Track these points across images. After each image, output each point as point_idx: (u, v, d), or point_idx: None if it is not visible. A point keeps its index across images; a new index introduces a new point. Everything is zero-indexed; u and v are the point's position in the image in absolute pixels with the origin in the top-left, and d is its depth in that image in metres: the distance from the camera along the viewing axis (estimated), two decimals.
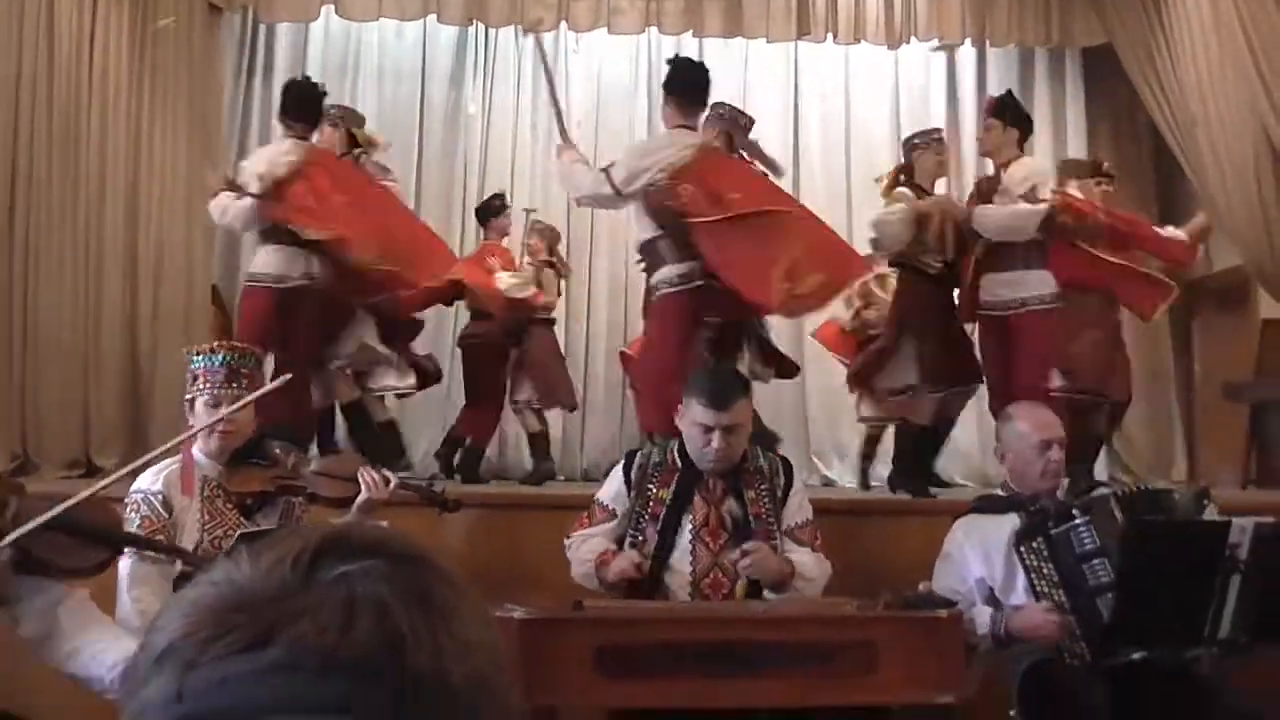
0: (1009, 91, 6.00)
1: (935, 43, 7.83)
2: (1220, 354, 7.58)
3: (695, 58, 8.18)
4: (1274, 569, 2.97)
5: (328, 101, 5.70)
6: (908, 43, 7.71)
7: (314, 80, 5.77)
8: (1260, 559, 2.96)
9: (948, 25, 7.67)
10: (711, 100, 5.08)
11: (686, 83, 4.83)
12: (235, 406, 2.99)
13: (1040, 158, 7.89)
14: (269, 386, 3.06)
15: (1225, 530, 3.00)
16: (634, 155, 4.81)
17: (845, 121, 8.30)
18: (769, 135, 8.18)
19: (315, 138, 5.53)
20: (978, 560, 3.27)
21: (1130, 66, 7.52)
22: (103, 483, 2.77)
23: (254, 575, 0.64)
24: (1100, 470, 7.38)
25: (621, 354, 6.62)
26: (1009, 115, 5.21)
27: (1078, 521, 3.09)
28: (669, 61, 5.02)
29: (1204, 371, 7.75)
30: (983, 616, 3.15)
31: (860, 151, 8.23)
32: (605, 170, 4.76)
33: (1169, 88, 7.21)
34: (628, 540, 3.29)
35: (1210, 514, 3.23)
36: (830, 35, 7.67)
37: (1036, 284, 5.00)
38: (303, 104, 5.44)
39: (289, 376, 3.12)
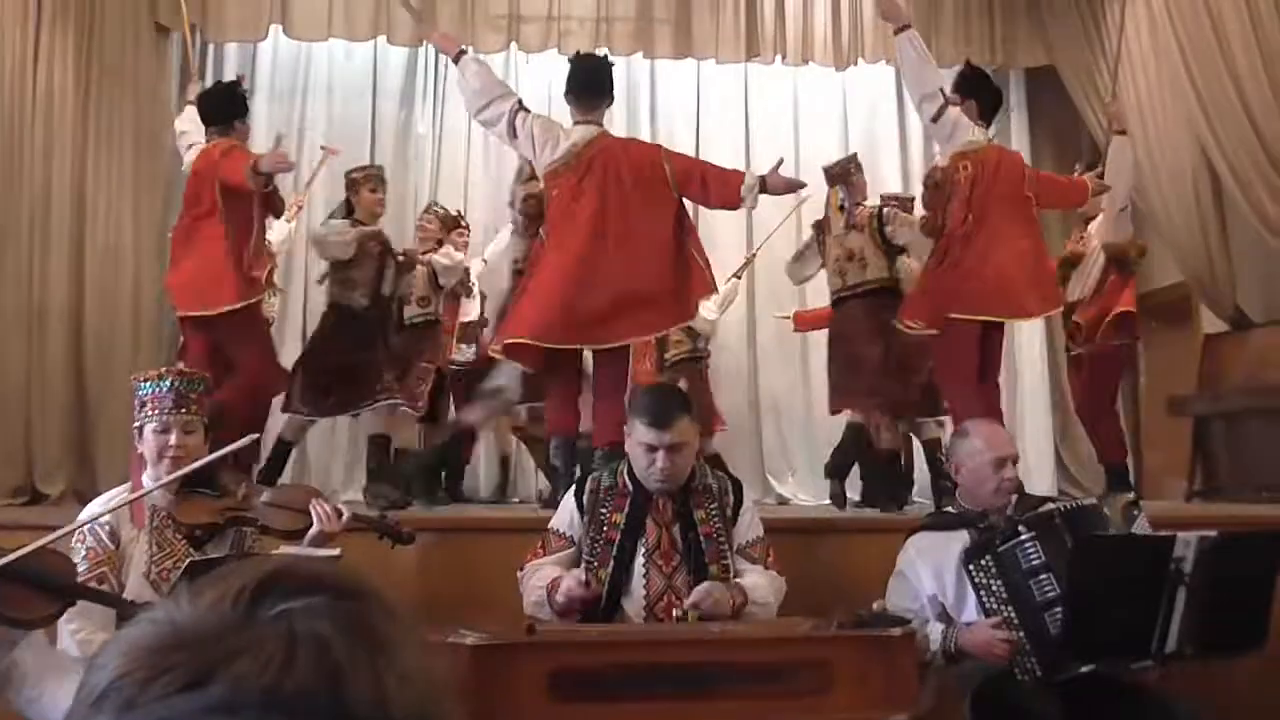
0: (967, 62, 6.11)
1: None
2: (1164, 369, 7.69)
3: (646, 81, 8.33)
4: (1218, 582, 3.02)
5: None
6: (855, 64, 7.82)
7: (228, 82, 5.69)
8: (1205, 573, 3.01)
9: (894, 46, 7.76)
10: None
11: (584, 79, 4.86)
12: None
13: None
14: (233, 446, 3.01)
15: (1170, 545, 3.04)
16: (545, 134, 4.73)
17: (795, 141, 8.37)
18: (720, 155, 8.26)
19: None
20: (929, 577, 3.29)
21: (1072, 87, 7.68)
22: (58, 533, 2.73)
23: (194, 613, 0.63)
24: (1050, 485, 7.51)
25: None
26: (965, 86, 5.26)
27: (1023, 538, 3.13)
28: (569, 61, 5.06)
29: (1149, 386, 7.87)
30: (934, 633, 3.17)
31: (810, 171, 8.28)
32: (517, 112, 4.74)
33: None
34: (584, 567, 3.24)
35: (1141, 525, 3.28)
36: (779, 57, 7.77)
37: None
38: (210, 104, 5.30)
39: (255, 437, 3.09)
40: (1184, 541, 3.03)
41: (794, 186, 4.79)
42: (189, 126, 5.48)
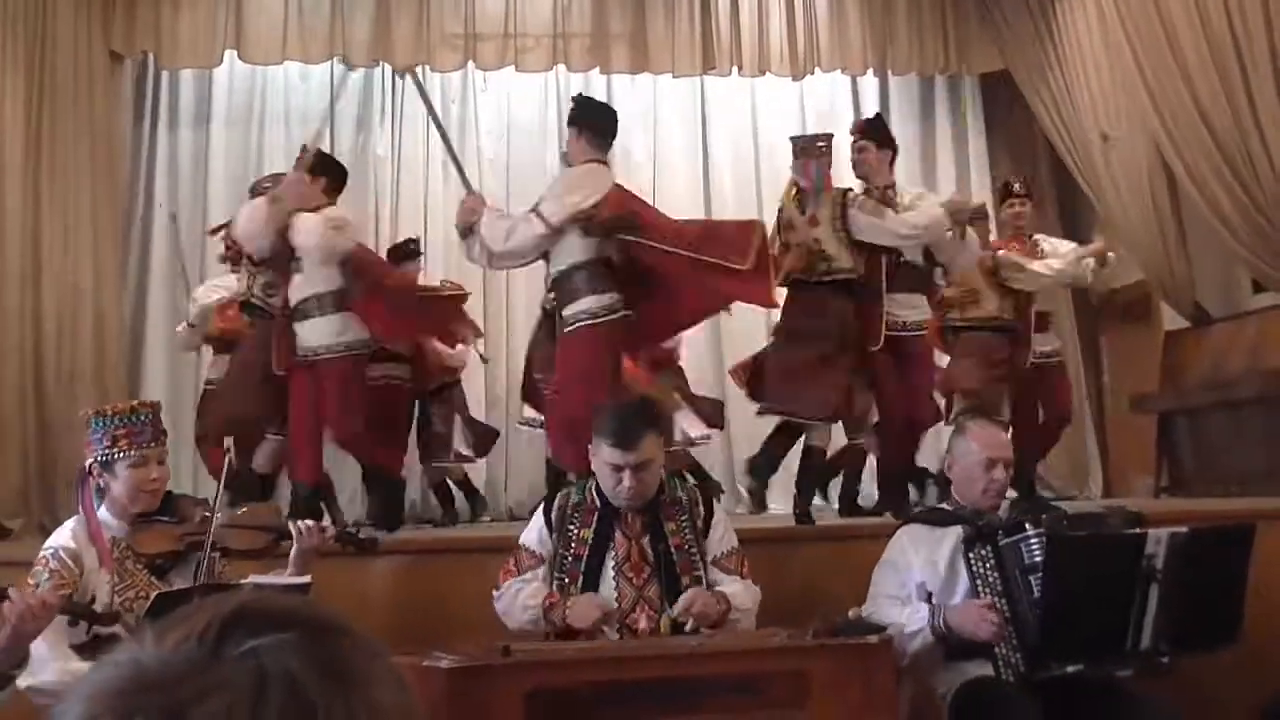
0: (877, 114, 6.20)
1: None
2: (1127, 367, 7.77)
3: (603, 96, 8.35)
4: (1190, 578, 3.04)
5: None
6: (812, 74, 7.87)
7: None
8: (1176, 569, 3.03)
9: (849, 56, 7.84)
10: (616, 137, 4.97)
11: (597, 119, 4.80)
12: None
13: (943, 179, 8.15)
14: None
15: (1142, 541, 3.06)
16: (562, 190, 4.66)
17: (754, 152, 8.41)
18: (680, 168, 8.29)
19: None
20: (921, 566, 3.30)
21: (1027, 90, 7.75)
22: None
23: (159, 653, 0.62)
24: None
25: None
26: (880, 136, 5.36)
27: (1030, 534, 3.13)
28: (574, 99, 4.96)
29: (1113, 384, 7.95)
30: (921, 611, 3.17)
31: (770, 181, 8.33)
32: (534, 211, 4.62)
33: (1064, 109, 7.44)
34: (554, 583, 3.26)
35: None
36: (735, 69, 7.80)
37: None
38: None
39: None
40: (1155, 538, 3.05)
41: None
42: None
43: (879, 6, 7.88)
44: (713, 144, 8.39)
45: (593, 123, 4.77)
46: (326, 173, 5.20)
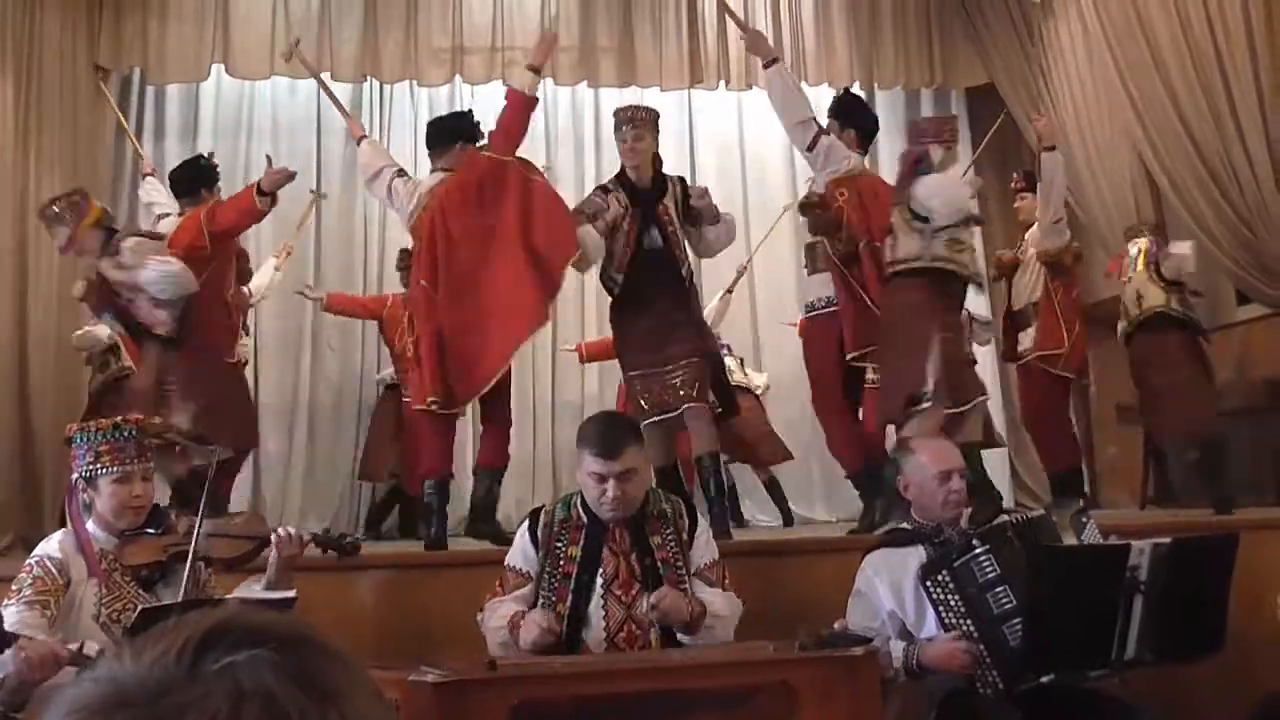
0: (845, 89, 6.41)
1: None
2: (1113, 377, 7.78)
3: (590, 109, 8.36)
4: (1174, 588, 3.05)
5: None
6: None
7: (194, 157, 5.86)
8: (1160, 579, 3.04)
9: (836, 70, 7.88)
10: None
11: (433, 131, 5.13)
12: None
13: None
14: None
15: (1125, 553, 3.07)
16: (407, 191, 4.96)
17: (740, 165, 8.44)
18: None
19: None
20: (888, 594, 3.30)
21: (1011, 102, 7.80)
22: None
23: (137, 670, 0.62)
24: (1005, 496, 7.56)
25: None
26: (841, 114, 5.51)
27: (978, 551, 3.14)
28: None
29: (1099, 394, 7.95)
30: (896, 650, 3.17)
31: (757, 194, 8.37)
32: (394, 177, 4.99)
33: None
34: (541, 601, 3.21)
35: (1091, 533, 3.31)
36: (722, 83, 7.83)
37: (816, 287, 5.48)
38: (179, 178, 5.57)
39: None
40: (1138, 549, 3.06)
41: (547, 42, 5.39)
42: (156, 196, 5.80)
43: (865, 21, 7.93)
44: (699, 157, 8.41)
45: (429, 137, 5.14)
46: None
